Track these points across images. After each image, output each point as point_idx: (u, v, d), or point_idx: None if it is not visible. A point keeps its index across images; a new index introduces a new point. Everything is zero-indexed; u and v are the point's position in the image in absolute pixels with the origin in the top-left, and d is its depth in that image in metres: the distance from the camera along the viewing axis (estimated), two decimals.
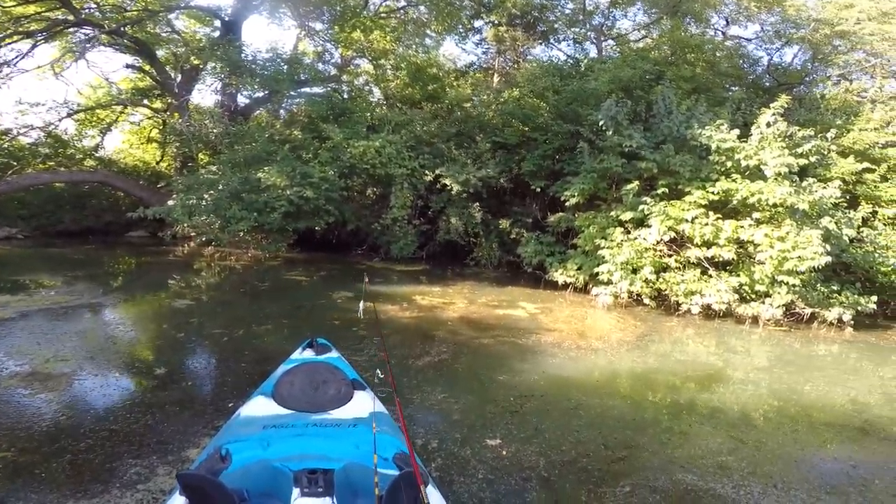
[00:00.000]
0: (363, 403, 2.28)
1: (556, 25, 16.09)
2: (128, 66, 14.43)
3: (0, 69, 11.58)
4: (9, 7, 11.44)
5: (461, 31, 16.23)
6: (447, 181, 10.24)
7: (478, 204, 10.50)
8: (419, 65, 13.97)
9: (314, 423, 2.02)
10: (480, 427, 3.42)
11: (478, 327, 6.09)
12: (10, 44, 11.61)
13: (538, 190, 10.15)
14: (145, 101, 15.20)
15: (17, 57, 11.85)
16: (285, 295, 7.47)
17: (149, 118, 15.98)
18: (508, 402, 3.87)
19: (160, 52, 13.82)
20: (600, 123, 8.59)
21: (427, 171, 10.51)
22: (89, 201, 13.31)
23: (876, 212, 8.89)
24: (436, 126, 11.58)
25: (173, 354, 4.65)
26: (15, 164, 12.38)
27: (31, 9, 11.76)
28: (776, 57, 13.53)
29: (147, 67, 14.11)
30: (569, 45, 16.66)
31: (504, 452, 3.09)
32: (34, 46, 12.17)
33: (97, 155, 14.41)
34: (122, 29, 12.08)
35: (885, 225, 8.75)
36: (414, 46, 15.31)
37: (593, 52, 15.47)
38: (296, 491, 1.54)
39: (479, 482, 2.74)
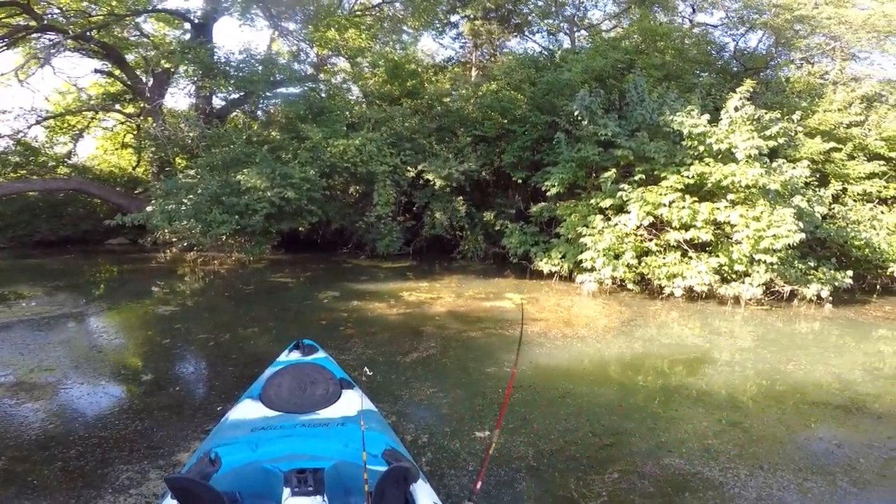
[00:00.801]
0: (351, 402, 2.30)
1: (529, 18, 16.19)
2: (96, 72, 14.13)
3: None
4: None
5: (438, 26, 16.19)
6: (430, 176, 10.26)
7: (461, 197, 10.54)
8: (397, 61, 13.90)
9: (303, 424, 2.04)
10: (469, 419, 3.47)
11: (465, 320, 6.14)
12: None
13: (520, 181, 10.23)
14: (117, 106, 14.88)
15: None
16: (271, 297, 7.44)
17: (122, 123, 15.64)
18: (497, 394, 3.92)
19: (129, 56, 13.49)
20: (576, 113, 8.69)
21: (409, 167, 10.51)
22: (65, 210, 13.01)
23: (846, 189, 9.19)
24: (416, 122, 11.57)
25: (160, 360, 4.62)
26: None
27: None
28: (741, 42, 13.80)
29: (117, 72, 13.80)
30: (543, 37, 16.80)
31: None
32: None
33: (70, 162, 14.08)
34: (87, 34, 11.77)
35: (854, 201, 9.06)
36: (391, 43, 15.24)
37: (567, 44, 15.58)
38: (286, 491, 1.57)
39: (470, 474, 2.78)
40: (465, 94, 12.35)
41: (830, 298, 7.22)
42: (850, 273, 7.41)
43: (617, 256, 7.60)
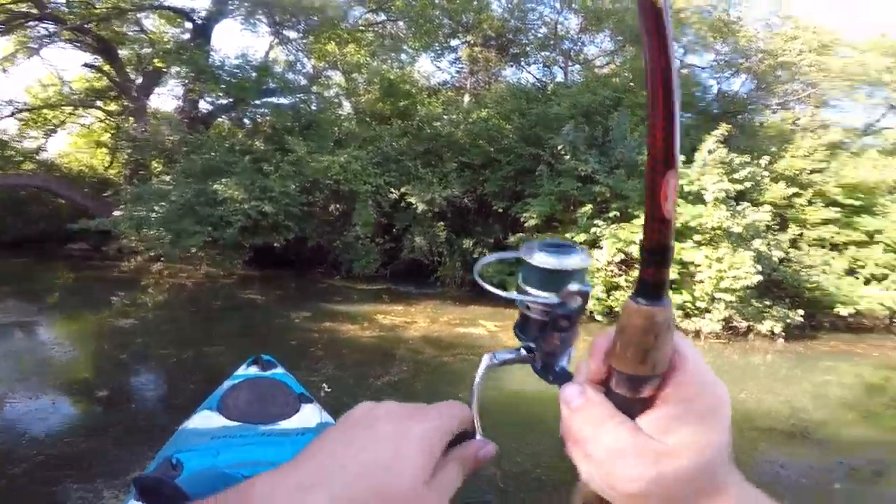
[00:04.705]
0: (310, 415, 2.33)
1: (527, 49, 16.57)
2: (85, 66, 13.58)
3: None
4: None
5: (437, 48, 16.28)
6: (412, 199, 10.25)
7: (442, 223, 10.55)
8: (392, 80, 13.84)
9: (262, 433, 2.06)
10: None
11: (439, 346, 6.13)
12: None
13: (500, 210, 10.37)
14: (98, 103, 14.32)
15: None
16: (240, 314, 7.27)
17: (101, 121, 15.02)
18: None
19: (123, 52, 13.09)
20: (559, 147, 8.95)
21: (392, 189, 10.51)
22: (25, 209, 12.37)
23: (802, 234, 9.75)
24: (404, 143, 11.58)
25: (117, 376, 4.44)
26: None
27: None
28: (725, 85, 14.39)
29: (106, 67, 13.28)
30: (538, 69, 17.17)
31: None
32: None
33: (38, 158, 13.43)
34: (86, 26, 11.42)
35: (809, 245, 9.62)
36: (389, 61, 15.27)
37: (560, 76, 15.93)
38: None
39: None
40: (455, 119, 12.44)
41: (783, 334, 7.66)
42: (801, 312, 7.91)
43: None
